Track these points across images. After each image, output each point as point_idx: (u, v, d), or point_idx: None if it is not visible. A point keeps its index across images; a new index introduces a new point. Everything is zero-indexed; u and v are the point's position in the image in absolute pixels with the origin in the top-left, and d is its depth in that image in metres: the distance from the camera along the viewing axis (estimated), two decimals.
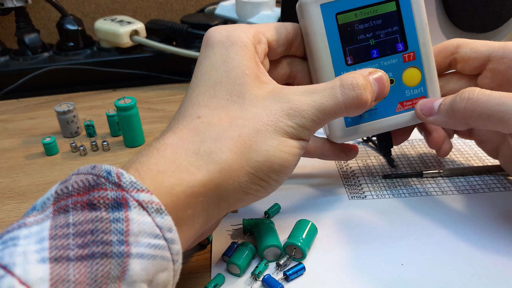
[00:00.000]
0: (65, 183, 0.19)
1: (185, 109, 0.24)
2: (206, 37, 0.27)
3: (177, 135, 0.23)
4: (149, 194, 0.19)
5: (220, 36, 0.26)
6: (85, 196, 0.18)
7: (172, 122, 0.24)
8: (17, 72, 0.55)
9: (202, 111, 0.24)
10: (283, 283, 0.27)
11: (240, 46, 0.25)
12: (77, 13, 0.70)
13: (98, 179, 0.19)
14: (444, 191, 0.35)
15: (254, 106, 0.24)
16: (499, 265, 0.28)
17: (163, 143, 0.22)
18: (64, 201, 0.18)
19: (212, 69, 0.25)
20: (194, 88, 0.25)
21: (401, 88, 0.31)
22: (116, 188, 0.18)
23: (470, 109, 0.27)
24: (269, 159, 0.23)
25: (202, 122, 0.23)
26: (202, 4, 0.74)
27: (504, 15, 0.44)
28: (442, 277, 0.27)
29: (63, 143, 0.45)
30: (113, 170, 0.19)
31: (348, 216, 0.32)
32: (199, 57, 0.26)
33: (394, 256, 0.29)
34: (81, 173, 0.20)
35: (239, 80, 0.24)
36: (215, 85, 0.24)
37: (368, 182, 0.37)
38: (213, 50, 0.26)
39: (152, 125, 0.49)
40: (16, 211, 0.35)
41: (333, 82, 0.25)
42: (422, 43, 0.30)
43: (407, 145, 0.42)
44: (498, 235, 0.30)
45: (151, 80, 0.60)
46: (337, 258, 0.29)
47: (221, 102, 0.24)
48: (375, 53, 0.30)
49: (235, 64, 0.25)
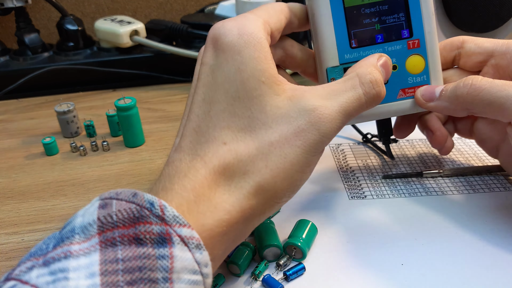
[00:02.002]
0: (107, 209, 0.19)
1: (206, 130, 0.23)
2: (214, 36, 0.24)
3: (208, 166, 0.22)
4: (190, 230, 0.19)
5: (231, 35, 0.23)
6: (131, 229, 0.18)
7: (195, 143, 0.23)
8: (17, 72, 0.55)
9: (227, 135, 0.22)
10: (283, 283, 0.27)
11: (253, 46, 0.23)
12: (77, 13, 0.70)
13: (142, 210, 0.19)
14: (444, 191, 0.35)
15: (279, 123, 0.23)
16: (499, 265, 0.28)
17: (196, 174, 0.21)
18: (110, 232, 0.18)
19: (227, 81, 0.23)
20: (211, 103, 0.23)
21: (404, 74, 0.31)
22: (160, 222, 0.19)
23: (472, 94, 0.27)
24: (292, 184, 0.23)
25: (230, 151, 0.22)
26: (202, 4, 0.74)
27: (504, 15, 0.44)
28: (442, 277, 0.27)
29: (63, 143, 0.45)
30: (156, 202, 0.19)
31: (348, 216, 0.32)
32: (207, 59, 0.24)
33: (394, 256, 0.29)
34: (122, 199, 0.19)
35: (257, 92, 0.23)
36: (233, 101, 0.23)
37: (368, 182, 0.37)
38: (224, 55, 0.23)
39: (152, 125, 0.49)
40: (16, 211, 0.35)
41: (352, 80, 0.25)
42: (427, 31, 0.30)
43: (407, 145, 0.42)
44: (498, 235, 0.30)
45: (151, 80, 0.60)
46: (337, 258, 0.29)
47: (243, 122, 0.23)
48: (379, 38, 0.30)
49: (250, 72, 0.23)
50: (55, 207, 0.35)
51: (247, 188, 0.22)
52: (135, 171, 0.40)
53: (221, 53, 0.23)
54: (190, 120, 0.23)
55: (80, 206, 0.35)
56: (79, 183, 0.38)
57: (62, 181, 0.39)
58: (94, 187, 0.38)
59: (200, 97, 0.23)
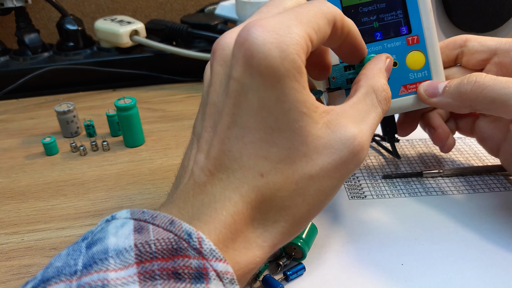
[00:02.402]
0: (144, 235, 0.18)
1: (239, 156, 0.21)
2: (249, 51, 0.20)
3: (245, 200, 0.20)
4: (226, 264, 0.19)
5: (271, 59, 0.20)
6: (169, 262, 0.18)
7: (226, 168, 0.21)
8: (17, 72, 0.55)
9: (264, 165, 0.21)
10: (283, 283, 0.27)
11: (294, 76, 0.20)
12: (77, 13, 0.70)
13: (180, 242, 0.18)
14: (444, 191, 0.35)
15: (320, 154, 0.21)
16: (499, 265, 0.28)
17: (233, 209, 0.20)
18: (149, 263, 0.18)
19: (265, 109, 0.20)
20: (245, 128, 0.21)
21: (405, 71, 0.31)
22: (197, 256, 0.18)
23: (476, 92, 0.27)
24: (321, 210, 0.23)
25: (268, 184, 0.21)
26: (202, 4, 0.74)
27: (504, 15, 0.44)
28: (442, 277, 0.27)
29: (63, 143, 0.45)
30: (194, 233, 0.19)
31: (348, 216, 0.32)
32: (238, 75, 0.20)
33: (394, 256, 0.29)
34: (159, 225, 0.19)
35: (298, 124, 0.21)
36: (272, 131, 0.21)
37: (368, 182, 0.37)
38: (262, 80, 0.20)
39: (152, 125, 0.49)
40: (16, 211, 0.35)
41: (371, 97, 0.24)
42: (426, 27, 0.30)
43: (407, 145, 0.42)
44: (498, 235, 0.30)
45: (151, 80, 0.60)
46: (337, 258, 0.29)
47: (283, 153, 0.21)
48: (378, 36, 0.30)
49: (291, 103, 0.20)
50: (55, 207, 0.35)
51: (283, 224, 0.21)
52: (135, 171, 0.40)
53: (258, 76, 0.20)
54: (219, 142, 0.21)
55: (80, 206, 0.35)
56: (79, 183, 0.38)
57: (62, 181, 0.39)
58: (94, 187, 0.38)
59: (231, 118, 0.21)
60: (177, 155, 0.42)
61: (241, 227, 0.20)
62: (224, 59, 0.22)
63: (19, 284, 0.28)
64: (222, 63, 0.22)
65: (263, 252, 0.21)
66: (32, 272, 0.29)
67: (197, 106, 0.53)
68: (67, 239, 0.32)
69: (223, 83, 0.22)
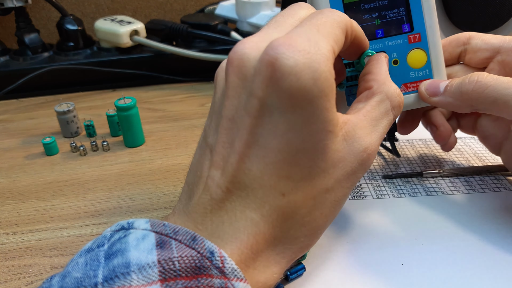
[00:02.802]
0: (167, 251, 0.18)
1: (260, 176, 0.20)
2: (277, 72, 0.19)
3: (267, 221, 0.20)
4: (246, 284, 0.19)
5: (303, 80, 0.19)
6: (193, 281, 0.18)
7: (245, 187, 0.20)
8: (17, 72, 0.55)
9: (286, 185, 0.20)
10: (283, 283, 0.27)
11: (326, 96, 0.20)
12: (77, 13, 0.70)
13: (203, 260, 0.18)
14: (444, 191, 0.35)
15: (335, 167, 0.21)
16: (499, 265, 0.28)
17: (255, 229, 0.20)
18: (173, 282, 0.17)
19: (291, 131, 0.20)
20: (267, 148, 0.20)
21: (406, 69, 0.31)
22: (220, 275, 0.18)
23: (477, 91, 0.27)
24: (334, 218, 0.23)
25: (289, 202, 0.21)
26: (202, 4, 0.74)
27: (504, 15, 0.44)
28: (442, 277, 0.27)
29: (63, 143, 0.45)
30: (216, 251, 0.19)
31: (348, 216, 0.32)
32: (261, 93, 0.19)
33: (394, 256, 0.29)
34: (182, 241, 0.19)
35: (323, 143, 0.20)
36: (296, 152, 0.20)
37: (368, 182, 0.37)
38: (291, 102, 0.19)
39: (152, 125, 0.49)
40: (16, 211, 0.35)
41: (384, 104, 0.24)
42: (428, 25, 0.30)
43: (407, 145, 0.42)
44: (498, 235, 0.30)
45: (151, 80, 0.60)
46: (337, 258, 0.29)
47: (304, 171, 0.21)
48: (380, 33, 0.30)
49: (321, 124, 0.20)
50: (55, 207, 0.35)
51: (302, 239, 0.22)
52: (135, 171, 0.40)
53: (286, 98, 0.19)
54: (238, 160, 0.20)
55: (80, 206, 0.35)
56: (79, 183, 0.38)
57: (62, 181, 0.39)
58: (94, 187, 0.38)
59: (253, 137, 0.20)
60: (177, 155, 0.42)
61: (262, 247, 0.20)
62: (244, 72, 0.21)
63: (19, 284, 0.28)
64: (241, 76, 0.21)
65: (280, 268, 0.21)
66: (32, 272, 0.29)
67: (197, 106, 0.53)
68: (67, 239, 0.32)
69: (242, 98, 0.21)
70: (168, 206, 0.35)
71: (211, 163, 0.22)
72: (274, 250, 0.21)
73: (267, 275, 0.21)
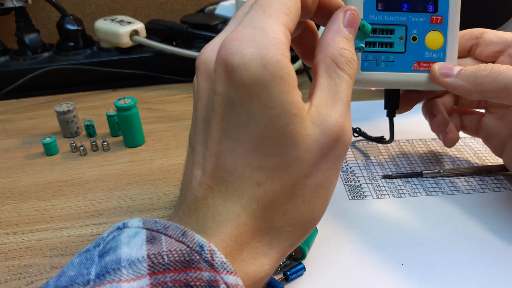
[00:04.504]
0: (156, 246, 0.18)
1: (234, 168, 0.20)
2: (229, 65, 0.20)
3: (248, 212, 0.20)
4: (236, 277, 0.19)
5: (253, 69, 0.19)
6: (182, 274, 0.18)
7: (223, 181, 0.21)
8: (17, 72, 0.55)
9: (259, 175, 0.20)
10: (283, 283, 0.27)
11: (281, 78, 0.19)
12: (77, 13, 0.70)
13: (192, 253, 0.18)
14: (444, 191, 0.35)
15: (311, 152, 0.21)
16: (499, 265, 0.28)
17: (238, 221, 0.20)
18: (161, 275, 0.18)
19: (253, 120, 0.20)
20: (235, 140, 0.20)
21: (422, 48, 0.31)
22: (209, 268, 0.18)
23: (491, 77, 0.28)
24: (326, 204, 0.23)
25: (266, 192, 0.21)
26: (202, 4, 0.74)
27: (504, 15, 0.44)
28: (442, 277, 0.27)
29: (63, 143, 0.45)
30: (205, 245, 0.19)
31: (348, 216, 0.32)
32: (221, 90, 0.20)
33: (394, 256, 0.29)
34: (172, 236, 0.19)
35: (288, 128, 0.20)
36: (262, 140, 0.20)
37: (368, 182, 0.37)
38: (246, 91, 0.20)
39: (152, 125, 0.49)
40: (16, 211, 0.35)
41: (333, 69, 0.23)
42: (451, 10, 0.31)
43: (407, 145, 0.42)
44: (498, 235, 0.30)
45: (151, 80, 0.60)
46: (337, 258, 0.29)
47: (277, 159, 0.20)
48: (405, 7, 0.30)
49: (280, 108, 0.20)
50: (55, 207, 0.35)
51: (288, 228, 0.21)
52: (135, 171, 0.40)
53: (241, 88, 0.20)
54: (213, 156, 0.21)
55: (80, 206, 0.35)
56: (79, 183, 0.38)
57: (62, 181, 0.39)
58: (94, 187, 0.38)
59: (221, 132, 0.21)
60: (177, 155, 0.42)
61: (247, 238, 0.20)
62: (208, 73, 0.22)
63: (19, 284, 0.28)
64: (206, 78, 0.22)
65: (270, 260, 0.21)
66: (32, 272, 0.29)
67: None
68: (67, 239, 0.32)
69: (210, 98, 0.22)
70: (168, 206, 0.35)
71: (193, 163, 0.22)
72: (261, 242, 0.21)
73: (257, 266, 0.21)
